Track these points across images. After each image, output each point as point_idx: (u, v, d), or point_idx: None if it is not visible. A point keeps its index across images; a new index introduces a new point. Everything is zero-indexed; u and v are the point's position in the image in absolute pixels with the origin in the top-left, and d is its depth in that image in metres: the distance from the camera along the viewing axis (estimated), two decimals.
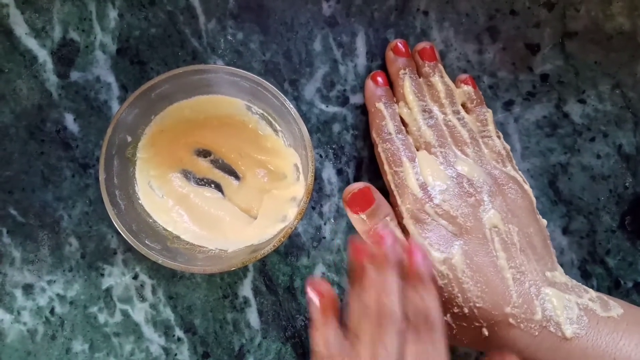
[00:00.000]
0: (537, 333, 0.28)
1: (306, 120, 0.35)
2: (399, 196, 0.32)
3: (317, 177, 0.35)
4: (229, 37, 0.34)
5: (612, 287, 0.35)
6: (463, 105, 0.34)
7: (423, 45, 0.34)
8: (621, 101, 0.36)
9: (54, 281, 0.34)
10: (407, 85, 0.33)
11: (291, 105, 0.29)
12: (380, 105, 0.33)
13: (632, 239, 0.35)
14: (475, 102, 0.34)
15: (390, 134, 0.32)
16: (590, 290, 0.30)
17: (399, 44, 0.34)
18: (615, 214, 0.35)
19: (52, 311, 0.34)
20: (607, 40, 0.35)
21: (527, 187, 0.32)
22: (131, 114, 0.30)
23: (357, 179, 0.35)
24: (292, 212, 0.31)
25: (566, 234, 0.35)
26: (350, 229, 0.34)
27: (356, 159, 0.35)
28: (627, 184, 0.36)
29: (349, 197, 0.31)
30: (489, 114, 0.34)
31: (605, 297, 0.30)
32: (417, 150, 0.32)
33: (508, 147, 0.34)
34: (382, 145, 0.33)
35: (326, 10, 0.35)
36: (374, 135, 0.33)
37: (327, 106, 0.35)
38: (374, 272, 0.26)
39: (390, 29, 0.35)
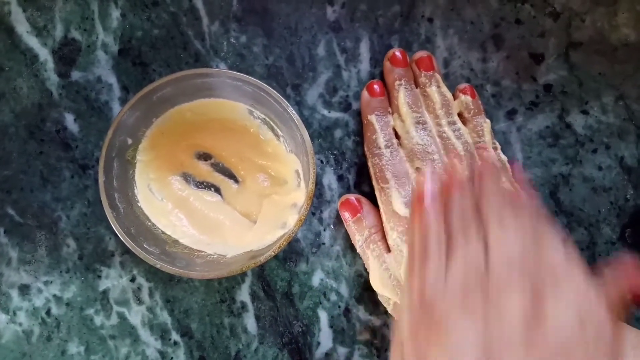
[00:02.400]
0: None
1: (308, 125, 0.35)
2: (384, 213, 0.31)
3: (318, 183, 0.35)
4: (232, 40, 0.34)
5: None
6: (460, 116, 0.34)
7: (420, 54, 0.34)
8: (624, 113, 0.35)
9: (51, 282, 0.34)
10: (401, 97, 0.32)
11: (293, 112, 0.28)
12: (372, 118, 0.33)
13: (632, 251, 0.35)
14: (472, 112, 0.33)
15: (379, 148, 0.32)
16: None
17: (397, 54, 0.33)
18: (615, 226, 0.35)
19: (48, 312, 0.34)
20: (612, 52, 0.35)
21: None
22: (132, 117, 0.29)
23: (357, 185, 0.35)
24: (292, 219, 0.31)
25: None
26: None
27: (357, 165, 0.35)
28: (628, 197, 0.35)
29: (340, 202, 0.33)
30: (486, 125, 0.33)
31: None
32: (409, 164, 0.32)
33: (505, 158, 0.33)
34: (371, 160, 0.32)
35: (330, 15, 0.35)
36: (365, 148, 0.33)
37: (329, 112, 0.35)
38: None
39: (394, 35, 0.35)
